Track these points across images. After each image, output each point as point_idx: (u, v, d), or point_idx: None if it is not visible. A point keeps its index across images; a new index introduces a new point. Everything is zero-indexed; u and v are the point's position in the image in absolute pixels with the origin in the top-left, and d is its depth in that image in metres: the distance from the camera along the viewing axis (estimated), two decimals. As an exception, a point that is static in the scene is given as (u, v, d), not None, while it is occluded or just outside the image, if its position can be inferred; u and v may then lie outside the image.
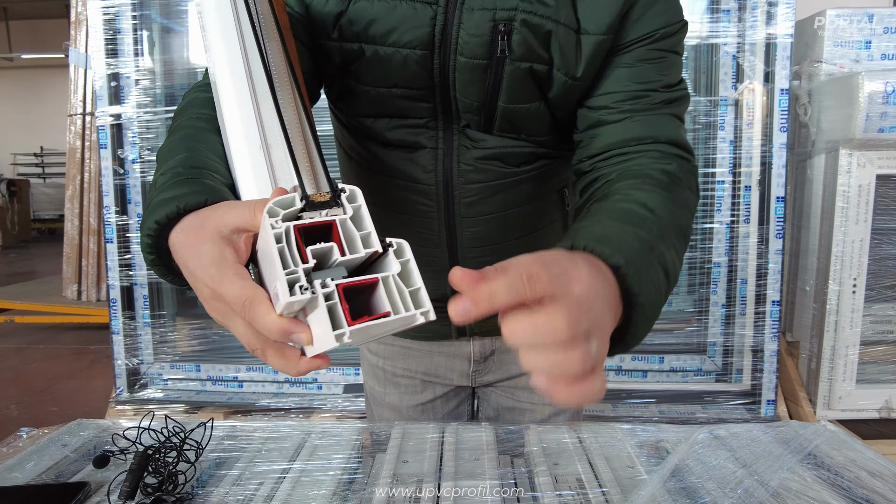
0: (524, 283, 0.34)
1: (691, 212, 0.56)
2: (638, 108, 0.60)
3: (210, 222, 0.40)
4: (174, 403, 2.03)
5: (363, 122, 0.69)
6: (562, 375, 0.34)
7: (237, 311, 0.38)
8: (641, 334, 0.44)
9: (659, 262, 0.46)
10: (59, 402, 2.66)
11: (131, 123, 2.01)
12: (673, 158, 0.59)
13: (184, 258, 0.41)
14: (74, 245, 3.47)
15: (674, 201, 0.53)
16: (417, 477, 0.66)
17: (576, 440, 0.75)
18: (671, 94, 0.62)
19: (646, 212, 0.50)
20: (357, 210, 0.39)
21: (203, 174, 0.47)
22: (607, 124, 0.62)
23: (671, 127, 0.61)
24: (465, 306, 0.34)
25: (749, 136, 1.85)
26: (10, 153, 11.20)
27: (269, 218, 0.36)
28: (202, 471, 0.67)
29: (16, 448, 0.75)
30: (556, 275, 0.35)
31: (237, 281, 0.38)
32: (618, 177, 0.57)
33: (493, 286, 0.34)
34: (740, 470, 0.66)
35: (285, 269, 0.34)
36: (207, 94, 0.58)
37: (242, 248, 0.41)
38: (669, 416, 1.94)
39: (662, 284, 0.45)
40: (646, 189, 0.53)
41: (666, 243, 0.48)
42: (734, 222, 1.91)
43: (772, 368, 1.89)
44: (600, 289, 0.38)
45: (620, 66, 0.61)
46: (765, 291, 1.88)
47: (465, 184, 0.69)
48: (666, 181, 0.55)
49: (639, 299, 0.42)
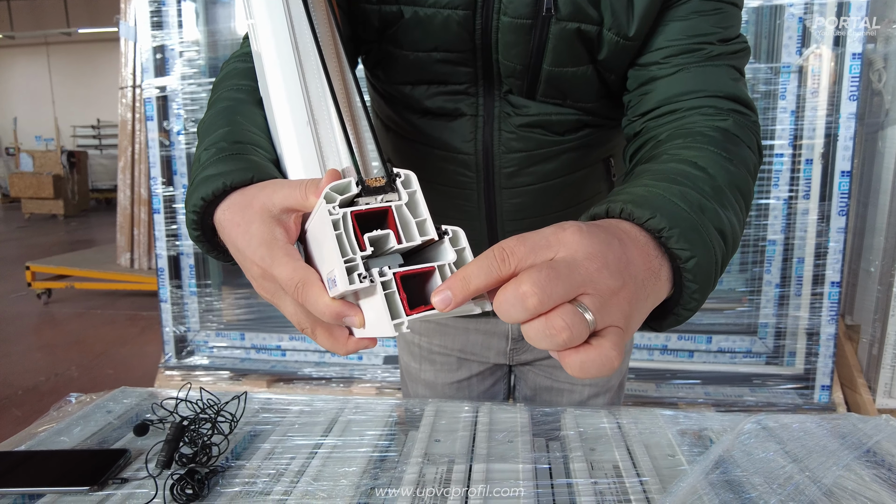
0: (496, 261, 0.33)
1: (751, 172, 0.50)
2: (692, 62, 0.56)
3: (258, 201, 0.40)
4: (219, 370, 2.10)
5: (401, 89, 0.67)
6: (552, 344, 0.32)
7: (290, 292, 0.38)
8: (694, 304, 0.39)
9: (713, 223, 0.41)
10: (115, 366, 2.81)
11: (176, 95, 2.04)
12: (729, 114, 0.53)
13: (232, 236, 0.41)
14: (127, 215, 3.60)
15: (730, 160, 0.48)
16: (449, 457, 0.65)
17: (614, 425, 0.73)
18: (728, 46, 0.57)
19: (696, 171, 0.45)
20: (412, 195, 0.38)
21: (247, 149, 0.46)
22: (658, 79, 0.57)
23: (728, 79, 0.56)
24: (443, 295, 0.33)
25: (813, 106, 1.72)
26: (70, 125, 11.69)
27: (326, 203, 0.35)
28: (237, 442, 0.68)
29: (65, 412, 0.79)
30: (532, 247, 0.33)
31: (289, 262, 0.38)
32: (667, 137, 0.53)
33: (466, 270, 0.33)
34: (790, 464, 0.62)
35: (343, 257, 0.34)
36: (247, 63, 0.57)
37: (293, 228, 0.40)
38: (715, 398, 1.88)
39: (718, 248, 0.40)
40: (697, 147, 0.49)
41: (721, 202, 0.43)
42: (792, 198, 1.80)
43: (828, 353, 1.79)
44: (593, 249, 0.33)
45: (673, 20, 0.57)
46: (823, 272, 1.77)
47: (506, 153, 0.67)
48: (720, 139, 0.50)
49: (688, 265, 0.38)
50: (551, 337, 0.31)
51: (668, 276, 0.39)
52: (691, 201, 0.41)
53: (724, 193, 0.44)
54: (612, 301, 0.33)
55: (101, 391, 0.83)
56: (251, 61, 0.55)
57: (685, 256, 0.38)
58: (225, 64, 0.61)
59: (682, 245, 0.38)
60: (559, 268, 0.32)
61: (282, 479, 0.61)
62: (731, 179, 0.46)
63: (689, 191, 0.42)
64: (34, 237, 6.75)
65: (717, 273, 0.41)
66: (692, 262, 0.38)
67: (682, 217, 0.39)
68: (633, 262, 0.35)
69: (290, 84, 0.47)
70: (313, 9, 0.48)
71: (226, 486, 0.59)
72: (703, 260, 0.38)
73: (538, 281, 0.31)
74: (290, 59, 0.48)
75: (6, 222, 8.04)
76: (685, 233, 0.38)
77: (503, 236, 0.73)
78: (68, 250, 5.17)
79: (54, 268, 3.74)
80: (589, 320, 0.32)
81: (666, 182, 0.43)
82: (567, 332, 0.31)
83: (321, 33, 0.48)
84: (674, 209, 0.39)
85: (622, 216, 0.39)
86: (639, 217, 0.38)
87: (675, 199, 0.40)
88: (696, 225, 0.39)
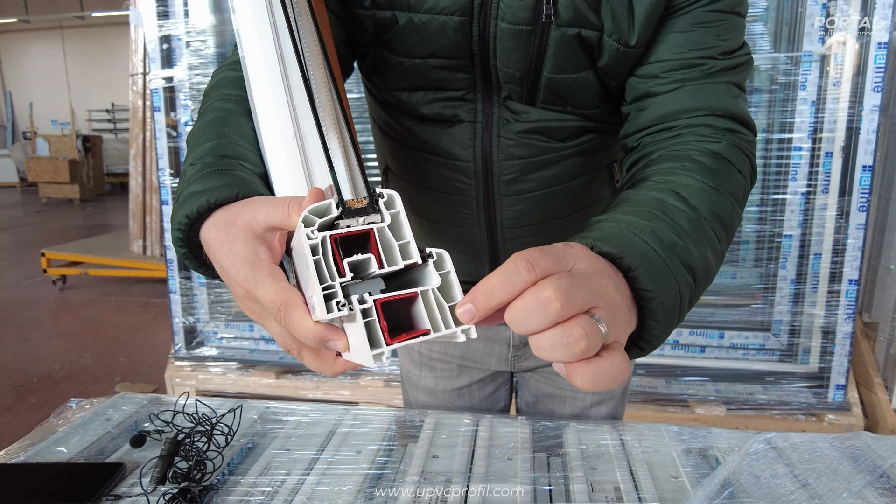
0: (520, 270, 0.32)
1: (737, 198, 0.50)
2: (692, 78, 0.54)
3: (242, 219, 0.39)
4: (228, 361, 2.11)
5: (397, 95, 0.65)
6: (568, 354, 0.32)
7: (272, 314, 0.37)
8: (657, 339, 0.40)
9: (683, 260, 0.41)
10: (127, 354, 2.84)
11: (183, 86, 2.02)
12: (724, 134, 0.52)
13: (216, 255, 0.40)
14: (139, 202, 3.62)
15: (716, 187, 0.48)
16: (446, 476, 0.64)
17: (617, 442, 0.71)
18: (730, 60, 0.55)
19: (677, 201, 0.45)
20: (395, 217, 0.37)
21: (233, 164, 0.45)
22: (656, 95, 0.56)
23: (727, 97, 0.54)
24: (466, 308, 0.33)
25: (835, 97, 1.66)
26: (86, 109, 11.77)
27: (304, 228, 0.34)
28: (233, 455, 0.67)
29: (65, 420, 0.78)
30: (554, 257, 0.34)
31: (272, 283, 0.37)
32: (658, 158, 0.52)
33: (489, 282, 0.33)
34: (799, 490, 0.60)
35: (322, 284, 0.33)
36: (237, 72, 0.56)
37: (277, 247, 0.40)
38: (727, 395, 1.85)
39: (685, 286, 0.41)
40: (683, 174, 0.48)
41: (697, 238, 0.44)
42: (810, 192, 1.75)
43: (844, 351, 1.75)
44: (603, 268, 0.36)
45: (674, 31, 0.55)
46: (841, 269, 1.73)
47: (506, 160, 0.65)
48: (708, 164, 0.49)
49: (651, 304, 0.38)
50: (569, 346, 0.31)
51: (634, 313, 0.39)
52: (662, 239, 0.41)
53: (702, 227, 0.45)
54: (618, 317, 0.34)
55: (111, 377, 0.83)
56: (241, 69, 0.53)
57: (648, 297, 0.38)
58: (216, 72, 0.60)
59: (647, 286, 0.38)
60: (578, 279, 0.33)
61: (276, 496, 0.60)
62: (713, 210, 0.46)
63: (663, 226, 0.42)
64: (51, 222, 6.83)
65: (685, 309, 0.42)
66: (655, 302, 0.38)
67: (650, 256, 0.39)
68: (619, 288, 0.37)
69: (277, 96, 0.46)
70: (298, 17, 0.45)
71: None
72: (668, 299, 0.39)
73: (561, 287, 0.31)
74: (276, 71, 0.46)
75: (24, 206, 8.15)
76: (651, 273, 0.38)
77: (503, 244, 0.71)
78: (84, 235, 5.23)
79: (69, 254, 3.79)
80: (603, 332, 0.32)
81: (640, 217, 0.43)
82: (585, 340, 0.31)
83: (306, 43, 0.45)
84: (643, 248, 0.40)
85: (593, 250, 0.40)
86: (608, 254, 0.39)
87: (646, 238, 0.41)
88: (664, 264, 0.40)
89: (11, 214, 7.45)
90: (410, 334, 0.34)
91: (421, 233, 0.76)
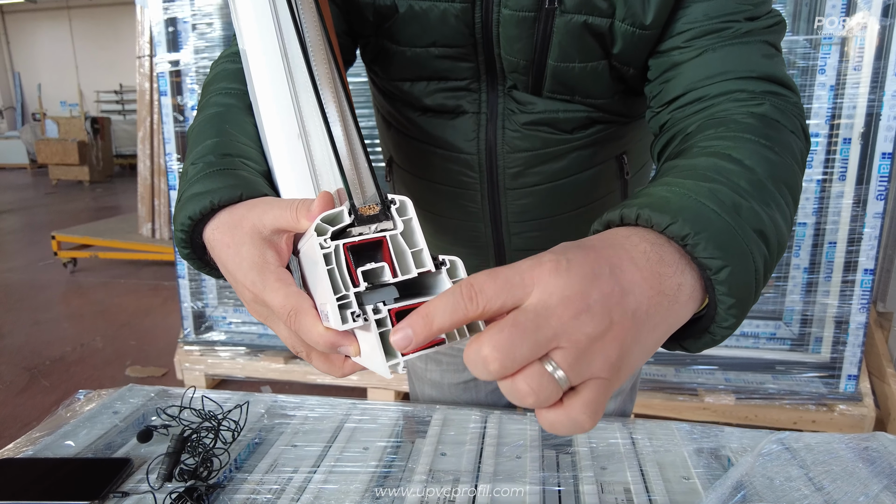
0: (463, 299, 0.29)
1: (797, 160, 0.44)
2: (718, 42, 0.50)
3: (247, 221, 0.38)
4: (237, 346, 2.12)
5: (400, 86, 0.63)
6: (522, 405, 0.29)
7: (282, 320, 0.37)
8: (732, 321, 0.34)
9: (751, 224, 0.36)
10: (138, 337, 2.86)
11: (189, 70, 2.00)
12: (765, 97, 0.47)
13: (222, 258, 0.40)
14: (147, 185, 3.62)
15: (771, 148, 0.42)
16: (454, 475, 0.63)
17: (628, 440, 0.70)
18: (759, 22, 0.50)
19: (731, 164, 0.39)
20: (408, 223, 0.36)
21: (236, 164, 0.44)
22: (682, 64, 0.51)
23: (760, 57, 0.49)
24: (402, 334, 0.30)
25: (855, 82, 1.62)
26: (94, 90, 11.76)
27: (317, 236, 0.34)
28: (240, 451, 0.67)
29: (73, 411, 0.79)
30: (503, 283, 0.29)
31: (280, 288, 0.36)
32: (697, 129, 0.47)
33: (429, 307, 0.30)
34: (813, 494, 0.59)
35: (336, 294, 0.33)
36: (236, 64, 0.55)
37: (284, 250, 0.39)
38: (736, 385, 1.84)
39: (758, 253, 0.35)
40: (731, 137, 0.43)
41: (763, 199, 0.38)
42: (826, 180, 1.71)
43: (857, 341, 1.73)
44: (571, 290, 0.29)
45: (695, 1, 0.51)
46: (856, 258, 1.69)
47: (511, 152, 0.63)
48: (757, 125, 0.44)
49: (720, 275, 0.33)
50: (518, 400, 0.29)
51: (695, 294, 0.34)
52: (723, 200, 0.36)
53: (766, 188, 0.39)
54: (591, 350, 0.29)
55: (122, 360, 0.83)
56: (241, 62, 0.52)
57: (716, 266, 0.33)
58: (214, 64, 0.58)
59: (712, 253, 0.33)
60: (524, 323, 0.28)
61: (283, 495, 0.60)
62: (773, 171, 0.40)
63: (722, 188, 0.37)
64: (61, 203, 6.87)
65: (760, 283, 0.36)
66: (725, 272, 0.33)
67: (711, 220, 0.34)
68: (631, 291, 0.30)
69: (280, 94, 0.44)
70: (302, 10, 0.44)
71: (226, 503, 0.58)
72: (739, 269, 0.33)
73: (499, 344, 0.28)
74: (279, 67, 0.45)
75: (35, 188, 8.20)
76: (715, 238, 0.33)
77: (509, 239, 0.69)
78: (94, 217, 5.26)
79: (78, 237, 3.80)
80: (559, 378, 0.28)
81: (693, 179, 0.38)
82: (532, 397, 0.28)
83: (311, 37, 0.44)
84: (700, 210, 0.34)
85: (639, 223, 0.35)
86: (658, 223, 0.34)
87: (703, 199, 0.35)
88: (730, 228, 0.34)
89: (23, 196, 7.50)
90: (425, 344, 0.33)
91: (425, 226, 0.75)
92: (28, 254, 4.53)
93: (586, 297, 0.29)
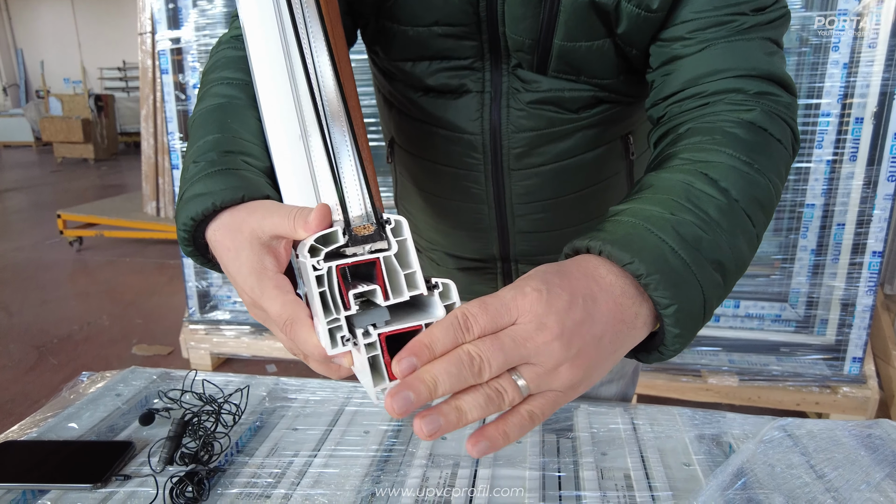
0: (461, 329, 0.33)
1: (778, 172, 0.46)
2: (721, 36, 0.50)
3: (247, 226, 0.39)
4: (242, 325, 2.13)
5: (401, 66, 0.62)
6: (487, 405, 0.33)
7: (279, 328, 0.38)
8: (678, 346, 0.39)
9: (710, 256, 0.39)
10: (144, 315, 2.89)
11: (191, 47, 1.98)
12: (757, 101, 0.48)
13: (223, 260, 0.41)
14: (151, 164, 3.61)
15: (750, 162, 0.44)
16: (454, 459, 0.64)
17: (629, 426, 0.70)
18: (764, 15, 0.50)
19: (706, 185, 0.42)
20: (402, 244, 0.37)
21: (238, 163, 0.44)
22: (682, 58, 0.52)
23: (761, 54, 0.50)
24: (407, 359, 0.32)
25: (869, 60, 1.58)
26: (97, 67, 11.69)
27: (310, 258, 0.34)
28: (240, 434, 0.67)
29: (77, 393, 0.79)
30: (493, 315, 0.33)
31: (278, 297, 0.37)
32: (687, 132, 0.48)
33: (431, 335, 0.33)
34: (814, 482, 0.59)
35: (327, 318, 0.34)
36: (238, 52, 0.54)
37: (283, 254, 0.39)
38: (740, 366, 1.83)
39: (710, 286, 0.39)
40: (714, 149, 0.44)
41: (728, 227, 0.41)
42: (836, 161, 1.68)
43: (863, 324, 1.72)
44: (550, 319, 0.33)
45: None
46: (865, 240, 1.68)
47: (515, 132, 0.62)
48: (742, 136, 0.45)
49: (667, 311, 0.36)
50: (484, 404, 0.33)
51: (649, 321, 0.38)
52: (684, 237, 0.38)
53: (734, 213, 0.41)
54: (557, 371, 0.33)
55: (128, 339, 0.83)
56: (243, 48, 0.50)
57: (664, 304, 0.36)
58: (214, 49, 0.57)
59: (662, 293, 0.36)
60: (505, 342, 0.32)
61: (283, 479, 0.60)
62: (748, 191, 0.42)
63: (688, 219, 0.39)
64: (67, 182, 6.88)
65: (709, 311, 0.40)
66: (672, 309, 0.36)
67: (667, 259, 0.37)
68: (599, 319, 0.35)
69: (282, 93, 0.43)
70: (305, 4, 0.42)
71: (226, 487, 0.59)
72: (687, 305, 0.37)
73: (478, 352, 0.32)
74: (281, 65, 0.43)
75: (41, 166, 8.21)
76: (667, 278, 0.36)
77: (513, 221, 0.68)
78: (100, 196, 5.27)
79: (84, 216, 3.82)
80: (521, 387, 0.33)
81: (661, 207, 0.40)
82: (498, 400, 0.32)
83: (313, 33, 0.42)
84: (659, 249, 0.37)
85: (601, 255, 0.38)
86: (619, 260, 0.37)
87: (664, 236, 0.38)
88: (684, 266, 0.37)
89: (28, 174, 7.52)
90: None
91: (426, 209, 0.74)
92: (34, 233, 4.56)
93: (561, 326, 0.33)
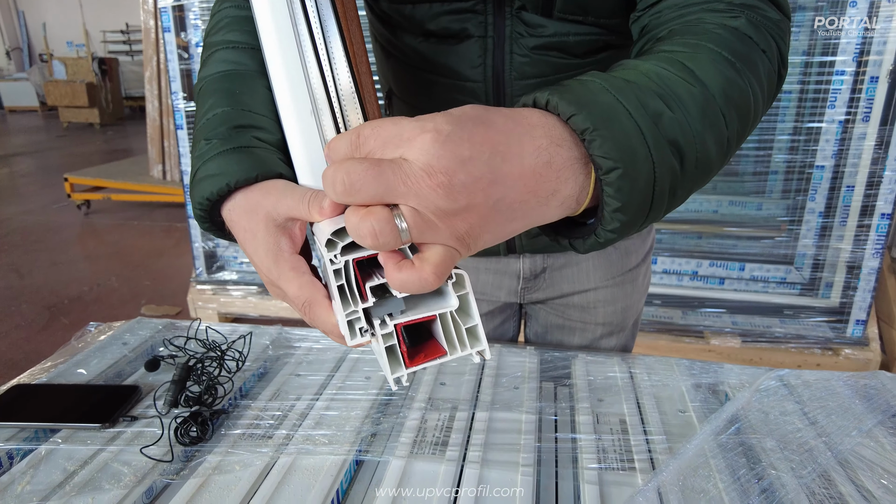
0: (353, 145, 0.32)
1: (759, 80, 0.42)
2: None
3: (262, 208, 0.40)
4: (249, 285, 2.15)
5: (401, 9, 0.60)
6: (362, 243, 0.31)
7: (297, 309, 0.39)
8: (616, 226, 0.34)
9: (668, 135, 0.34)
10: (152, 277, 2.92)
11: (192, 4, 1.94)
12: (742, 10, 0.44)
13: (240, 240, 0.41)
14: (156, 126, 3.59)
15: (732, 63, 0.40)
16: (452, 403, 0.65)
17: (626, 374, 0.70)
18: None
19: (680, 71, 0.37)
20: None
21: (249, 139, 0.44)
22: None
23: None
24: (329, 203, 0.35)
25: (888, 15, 1.53)
26: (100, 30, 11.53)
27: (328, 252, 0.35)
28: (244, 380, 0.69)
29: (85, 343, 0.81)
30: (383, 141, 0.31)
31: (294, 278, 0.38)
32: (667, 34, 0.45)
33: (333, 143, 0.34)
34: (806, 428, 0.60)
35: (346, 310, 0.35)
36: (242, 11, 0.53)
37: (297, 235, 0.40)
38: (743, 328, 1.84)
39: (663, 163, 0.34)
40: (693, 45, 0.40)
41: (698, 116, 0.36)
42: (848, 121, 1.65)
43: (868, 287, 1.71)
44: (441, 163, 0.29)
45: None
46: (874, 202, 1.65)
47: (518, 79, 0.61)
48: (725, 37, 0.41)
49: (609, 176, 0.32)
50: (360, 238, 0.31)
51: (567, 203, 0.33)
52: (644, 103, 0.34)
53: (708, 105, 0.37)
54: (441, 221, 0.30)
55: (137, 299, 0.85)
56: (246, 6, 0.49)
57: (607, 167, 0.32)
58: (216, 6, 0.55)
59: (606, 152, 0.32)
60: (384, 169, 0.30)
61: (285, 421, 0.62)
62: (725, 88, 0.38)
63: (652, 93, 0.35)
64: (73, 146, 6.88)
65: (662, 197, 0.35)
66: (615, 174, 0.32)
67: (619, 119, 0.33)
68: (502, 182, 0.31)
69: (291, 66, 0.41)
70: None
71: (229, 428, 0.60)
72: (634, 174, 0.32)
73: (353, 171, 0.30)
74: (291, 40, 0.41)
75: (47, 131, 8.19)
76: (615, 137, 0.32)
77: None
78: (106, 160, 5.26)
79: (91, 179, 3.82)
80: (402, 229, 0.30)
81: (625, 80, 0.35)
82: (372, 238, 0.30)
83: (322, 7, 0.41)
84: (612, 108, 0.33)
85: (548, 108, 0.34)
86: (563, 112, 0.33)
87: (620, 97, 0.34)
88: (636, 131, 0.33)
89: (35, 139, 7.51)
90: (428, 357, 0.36)
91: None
92: (42, 196, 4.58)
93: (451, 175, 0.29)
